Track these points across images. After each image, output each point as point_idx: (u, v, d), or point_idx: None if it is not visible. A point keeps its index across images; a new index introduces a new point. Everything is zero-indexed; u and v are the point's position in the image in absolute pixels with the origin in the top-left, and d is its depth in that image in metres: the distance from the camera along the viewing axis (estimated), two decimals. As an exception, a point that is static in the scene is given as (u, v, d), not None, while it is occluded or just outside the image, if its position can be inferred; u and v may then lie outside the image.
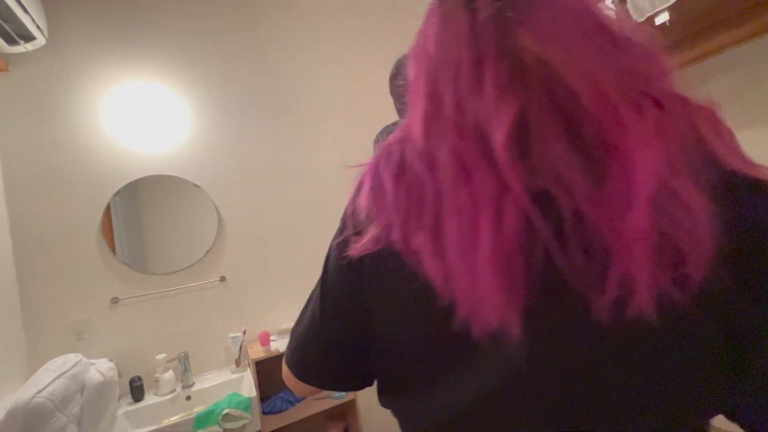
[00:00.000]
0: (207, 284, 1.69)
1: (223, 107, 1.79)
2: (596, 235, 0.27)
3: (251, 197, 1.81)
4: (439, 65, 0.33)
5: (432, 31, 0.35)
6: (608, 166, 0.28)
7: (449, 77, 0.32)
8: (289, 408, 1.61)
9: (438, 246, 0.31)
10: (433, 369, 0.36)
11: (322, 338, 0.45)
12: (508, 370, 0.32)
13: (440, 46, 0.34)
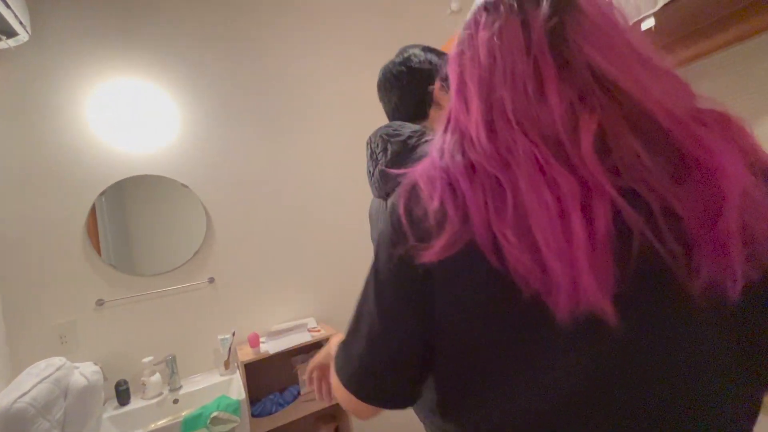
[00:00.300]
0: (195, 285, 1.67)
1: (213, 106, 1.77)
2: (685, 227, 0.32)
3: (241, 198, 1.79)
4: (496, 74, 0.37)
5: (483, 41, 0.38)
6: (690, 171, 0.32)
7: (509, 86, 0.36)
8: (279, 410, 1.59)
9: (526, 242, 0.32)
10: (517, 366, 0.36)
11: (386, 356, 0.43)
12: (605, 357, 0.34)
13: (495, 56, 0.37)
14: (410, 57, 0.82)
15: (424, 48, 0.85)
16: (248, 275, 1.77)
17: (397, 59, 0.84)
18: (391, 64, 0.85)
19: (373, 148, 0.84)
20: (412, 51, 0.84)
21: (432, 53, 0.84)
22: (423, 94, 0.82)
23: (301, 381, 1.69)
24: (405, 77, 0.83)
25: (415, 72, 0.82)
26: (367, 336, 0.44)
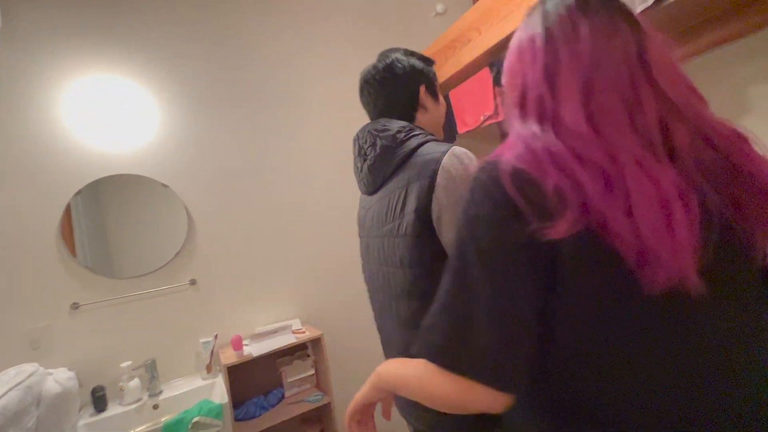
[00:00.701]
0: (176, 288, 1.63)
1: (195, 105, 1.74)
2: (745, 214, 0.42)
3: (224, 198, 1.76)
4: (598, 76, 0.43)
5: (588, 44, 0.45)
6: (739, 175, 0.43)
7: (611, 89, 0.43)
8: (263, 413, 1.57)
9: (634, 227, 0.38)
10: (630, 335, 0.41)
11: (509, 333, 0.42)
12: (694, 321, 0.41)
13: (600, 60, 0.44)
14: (393, 63, 0.83)
15: (406, 52, 0.85)
16: (231, 277, 1.74)
17: (379, 64, 0.84)
18: (373, 70, 0.84)
19: (361, 144, 0.84)
20: (394, 56, 0.83)
21: (414, 57, 0.84)
22: (408, 98, 0.83)
23: (286, 383, 1.67)
24: (390, 83, 0.83)
25: (400, 78, 0.82)
26: (486, 318, 0.42)
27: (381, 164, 0.80)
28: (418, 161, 0.73)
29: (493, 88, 1.57)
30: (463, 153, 0.71)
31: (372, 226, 0.85)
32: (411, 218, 0.71)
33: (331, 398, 1.62)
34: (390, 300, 0.80)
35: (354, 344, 1.93)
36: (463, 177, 0.68)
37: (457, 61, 1.67)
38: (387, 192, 0.79)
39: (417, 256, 0.71)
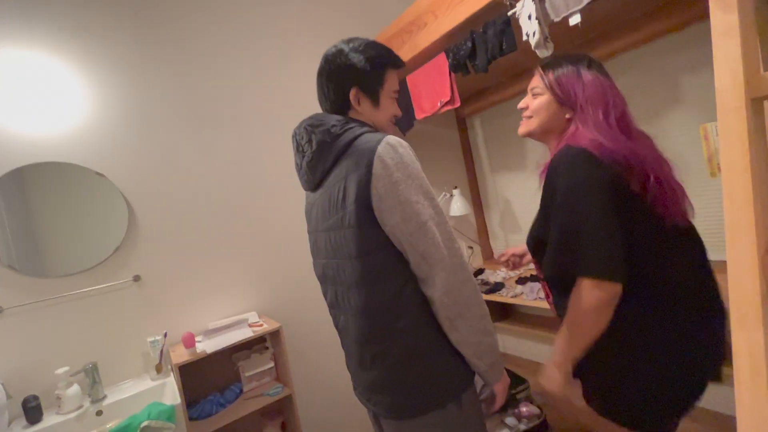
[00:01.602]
0: (118, 285, 1.51)
1: (135, 89, 1.59)
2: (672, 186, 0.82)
3: (169, 188, 1.64)
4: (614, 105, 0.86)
5: (600, 84, 0.87)
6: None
7: (622, 112, 0.87)
8: (220, 410, 1.52)
9: (667, 188, 0.79)
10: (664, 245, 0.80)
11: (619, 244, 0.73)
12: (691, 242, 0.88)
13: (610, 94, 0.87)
14: (334, 55, 0.81)
15: (359, 46, 0.81)
16: (179, 271, 1.64)
17: (333, 48, 0.82)
18: (323, 58, 0.83)
19: (299, 141, 0.83)
20: (340, 47, 0.81)
21: (363, 54, 0.79)
22: (339, 96, 0.82)
23: (244, 378, 1.62)
24: (325, 76, 0.82)
25: (333, 73, 0.81)
26: (607, 235, 0.72)
27: (319, 160, 0.79)
28: (355, 152, 0.73)
29: (450, 74, 1.57)
30: (397, 142, 0.73)
31: (318, 220, 0.85)
32: (352, 209, 0.72)
33: (291, 390, 1.59)
34: (342, 291, 0.80)
35: (314, 333, 1.91)
36: (399, 165, 0.70)
37: (414, 45, 1.64)
38: (328, 186, 0.79)
39: (363, 246, 0.73)
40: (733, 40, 0.49)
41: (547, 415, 1.69)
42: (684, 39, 1.58)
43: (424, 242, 0.70)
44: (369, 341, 0.76)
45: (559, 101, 0.88)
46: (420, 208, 0.70)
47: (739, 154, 0.47)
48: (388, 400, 0.76)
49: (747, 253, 0.46)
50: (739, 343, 0.46)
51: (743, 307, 0.46)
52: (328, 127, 0.77)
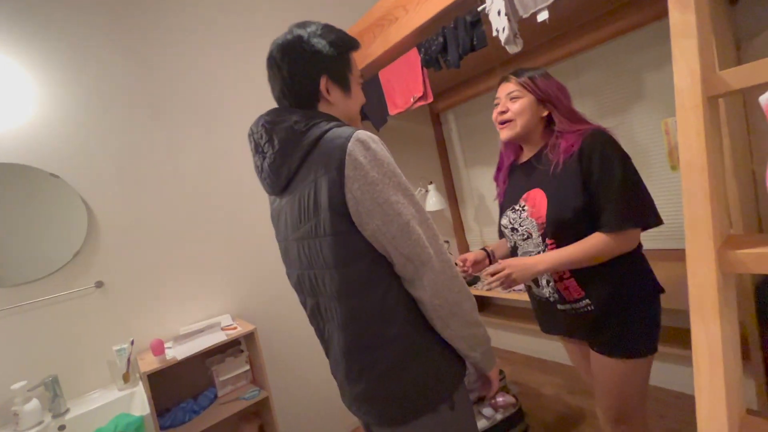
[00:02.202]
0: (79, 292, 1.43)
1: (91, 86, 1.50)
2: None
3: (132, 189, 1.56)
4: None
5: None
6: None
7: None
8: (194, 417, 1.47)
9: None
10: None
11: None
12: None
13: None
14: (292, 42, 0.71)
15: (322, 29, 0.73)
16: (146, 275, 1.57)
17: (281, 41, 0.73)
18: (275, 47, 0.73)
19: (257, 140, 0.75)
20: (300, 33, 0.72)
21: (325, 39, 0.72)
22: (307, 88, 0.73)
23: (219, 383, 1.58)
24: (286, 66, 0.72)
25: (297, 62, 0.71)
26: (644, 190, 0.92)
27: (283, 161, 0.71)
28: (324, 151, 0.66)
29: (422, 69, 1.57)
30: (369, 137, 0.66)
31: (287, 228, 0.78)
32: (327, 216, 0.66)
33: (268, 392, 1.56)
34: (323, 302, 0.75)
35: (290, 334, 1.88)
36: (373, 163, 0.64)
37: (385, 40, 1.62)
38: (296, 190, 0.72)
39: (342, 255, 0.67)
40: (691, 40, 0.50)
41: (522, 404, 1.73)
42: (646, 36, 1.63)
43: (409, 244, 0.65)
44: (355, 353, 0.72)
45: (540, 99, 1.00)
46: (400, 207, 0.65)
47: (697, 151, 0.48)
48: (378, 410, 0.73)
49: (705, 247, 0.47)
50: (698, 334, 0.48)
51: (701, 299, 0.48)
52: (290, 124, 0.69)
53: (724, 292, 0.48)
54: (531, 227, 1.02)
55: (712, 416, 0.46)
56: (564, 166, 0.95)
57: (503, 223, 1.11)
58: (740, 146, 1.23)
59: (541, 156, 1.03)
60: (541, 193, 1.00)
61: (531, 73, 1.01)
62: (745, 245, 0.47)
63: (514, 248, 1.10)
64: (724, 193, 0.56)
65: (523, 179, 1.08)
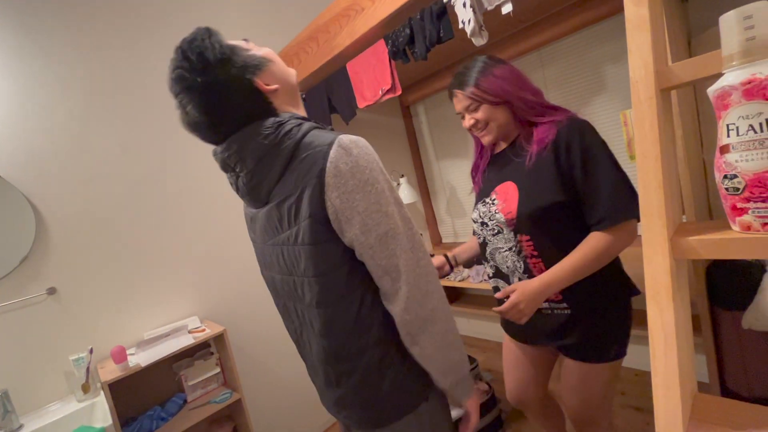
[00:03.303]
0: (29, 300, 1.33)
1: (33, 74, 1.38)
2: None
3: (85, 190, 1.47)
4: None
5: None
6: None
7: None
8: (162, 425, 1.42)
9: None
10: None
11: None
12: None
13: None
14: (204, 57, 0.62)
15: (207, 37, 0.64)
16: (103, 280, 1.48)
17: (184, 63, 0.62)
18: (186, 74, 0.63)
19: (225, 160, 0.70)
20: (198, 46, 0.62)
21: (215, 40, 0.65)
22: (248, 96, 0.65)
23: (188, 387, 1.52)
24: (221, 82, 0.63)
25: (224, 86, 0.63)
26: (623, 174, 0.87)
27: (261, 178, 0.66)
28: (304, 158, 0.63)
29: (390, 61, 1.55)
30: (352, 142, 0.63)
31: (265, 232, 0.74)
32: (306, 225, 0.63)
33: (241, 394, 1.52)
34: (301, 308, 0.73)
35: (261, 333, 1.84)
36: (354, 170, 0.61)
37: (352, 31, 1.59)
38: (277, 199, 0.67)
39: (321, 265, 0.65)
40: (644, 34, 0.51)
41: (495, 390, 1.78)
42: (607, 30, 1.68)
43: (385, 256, 0.63)
44: (333, 361, 0.70)
45: (494, 103, 0.93)
46: (380, 217, 0.62)
47: (651, 142, 0.50)
48: (358, 414, 0.72)
49: (659, 234, 0.49)
50: (654, 318, 0.50)
51: (656, 285, 0.49)
52: (261, 139, 0.64)
53: (677, 278, 0.50)
54: (501, 221, 0.96)
55: (667, 395, 0.48)
56: (537, 158, 0.90)
57: (474, 217, 1.07)
58: (691, 136, 1.30)
59: (515, 146, 0.99)
60: (513, 186, 0.95)
61: (474, 77, 0.94)
62: (695, 232, 0.49)
63: (483, 244, 1.05)
64: (677, 182, 0.59)
65: (496, 171, 1.04)
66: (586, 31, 1.74)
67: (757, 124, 0.41)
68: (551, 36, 1.75)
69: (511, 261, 0.97)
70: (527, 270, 0.95)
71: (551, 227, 0.90)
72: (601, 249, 0.85)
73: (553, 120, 0.91)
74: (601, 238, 0.85)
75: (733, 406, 0.51)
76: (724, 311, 1.24)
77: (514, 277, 0.99)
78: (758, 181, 0.42)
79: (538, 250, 0.92)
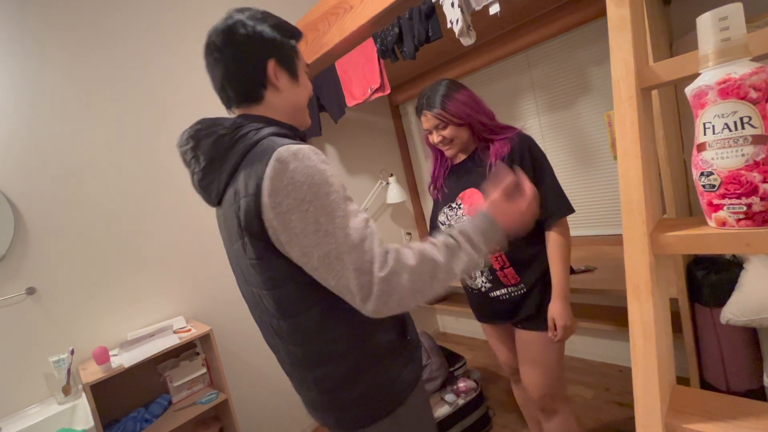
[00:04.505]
0: (7, 300, 1.30)
1: (12, 68, 1.34)
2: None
3: (64, 184, 1.43)
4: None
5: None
6: None
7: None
8: (146, 426, 1.39)
9: None
10: None
11: None
12: None
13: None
14: (235, 26, 0.65)
15: (258, 15, 0.68)
16: (85, 279, 1.45)
17: (219, 27, 0.66)
18: (213, 34, 0.67)
19: (183, 155, 0.69)
20: (238, 18, 0.66)
21: (267, 23, 0.68)
22: (252, 73, 0.67)
23: (173, 388, 1.50)
24: (229, 52, 0.66)
25: (240, 46, 0.65)
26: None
27: (211, 179, 0.65)
28: (245, 172, 0.60)
29: (379, 60, 1.55)
30: (291, 154, 0.57)
31: (226, 240, 0.73)
32: (248, 240, 0.61)
33: (227, 395, 1.50)
34: (266, 318, 0.71)
35: (248, 333, 1.82)
36: (289, 188, 0.56)
37: (341, 29, 1.59)
38: (226, 206, 0.66)
39: (270, 280, 0.63)
40: (626, 34, 0.52)
41: (483, 387, 1.80)
42: (592, 32, 1.71)
43: (332, 277, 0.58)
44: (303, 368, 0.69)
45: (458, 124, 1.09)
46: (318, 238, 0.56)
47: (632, 140, 0.51)
48: (334, 417, 0.71)
49: (639, 231, 0.50)
50: (634, 312, 0.51)
51: (636, 279, 0.51)
52: (215, 139, 0.63)
53: (656, 273, 0.51)
54: None
55: (646, 387, 0.49)
56: (496, 167, 1.08)
57: (441, 220, 1.19)
58: (673, 138, 1.33)
59: (474, 158, 1.15)
60: (477, 192, 1.10)
61: (440, 101, 1.08)
62: (674, 228, 0.50)
63: None
64: (657, 179, 0.60)
65: (458, 180, 1.17)
66: (572, 34, 1.76)
67: (731, 122, 0.42)
68: (538, 38, 1.77)
69: None
70: (487, 264, 1.12)
71: None
72: (563, 242, 1.07)
73: (505, 137, 1.09)
74: (557, 235, 1.07)
75: (711, 397, 0.52)
76: (704, 307, 1.28)
77: (476, 271, 1.15)
78: (733, 178, 0.43)
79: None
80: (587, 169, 1.87)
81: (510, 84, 2.06)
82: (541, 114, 1.97)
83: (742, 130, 0.42)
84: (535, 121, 2.00)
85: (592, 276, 1.64)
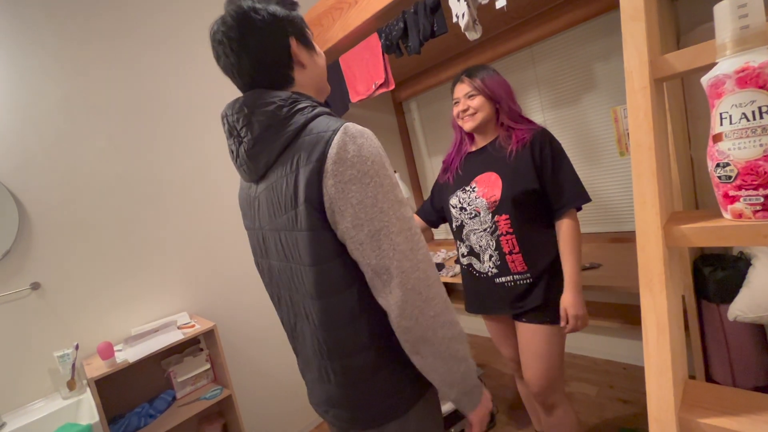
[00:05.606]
0: (11, 295, 1.30)
1: (21, 64, 1.34)
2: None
3: (68, 179, 1.43)
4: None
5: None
6: None
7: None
8: (150, 422, 1.39)
9: None
10: None
11: None
12: None
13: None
14: (248, 14, 0.64)
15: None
16: (89, 274, 1.45)
17: (230, 18, 0.65)
18: (224, 26, 0.65)
19: (232, 123, 0.68)
20: (247, 4, 0.65)
21: (272, 2, 0.67)
22: (279, 56, 0.66)
23: (177, 384, 1.50)
24: (250, 40, 0.64)
25: (261, 31, 0.64)
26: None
27: (262, 148, 0.64)
28: (307, 141, 0.61)
29: (383, 55, 1.54)
30: (358, 131, 0.60)
31: (264, 217, 0.72)
32: (303, 210, 0.60)
33: (231, 391, 1.50)
34: (298, 298, 0.70)
35: (251, 329, 1.82)
36: (355, 159, 0.58)
37: (345, 24, 1.58)
38: (275, 178, 0.65)
39: (317, 253, 0.62)
40: (639, 23, 0.51)
41: (486, 385, 1.79)
42: (597, 28, 1.70)
43: (375, 255, 0.59)
44: (327, 356, 0.68)
45: (489, 98, 1.14)
46: (374, 213, 0.58)
47: (645, 132, 0.50)
48: (348, 414, 0.70)
49: (652, 223, 0.50)
50: (647, 305, 0.50)
51: (649, 272, 0.50)
52: (273, 109, 0.63)
53: (669, 265, 0.50)
54: (480, 206, 1.14)
55: (659, 381, 0.49)
56: (517, 154, 1.12)
57: (453, 203, 1.21)
58: (680, 133, 1.32)
59: (495, 144, 1.18)
60: (495, 176, 1.13)
61: (482, 74, 1.15)
62: (687, 221, 0.50)
63: (460, 226, 1.21)
64: (669, 172, 0.59)
65: (475, 164, 1.20)
66: (577, 29, 1.75)
67: (749, 112, 0.42)
68: (542, 33, 1.76)
69: (485, 240, 1.15)
70: (498, 247, 1.13)
71: (525, 208, 1.10)
72: (575, 233, 1.09)
73: (528, 127, 1.14)
74: (569, 226, 1.10)
75: (724, 391, 0.52)
76: (710, 304, 1.27)
77: (485, 254, 1.16)
78: (750, 169, 0.43)
79: (513, 227, 1.11)
80: (593, 165, 1.86)
81: (514, 80, 2.05)
82: (546, 110, 1.96)
83: (761, 120, 0.41)
84: (539, 117, 1.98)
85: (597, 273, 1.63)
